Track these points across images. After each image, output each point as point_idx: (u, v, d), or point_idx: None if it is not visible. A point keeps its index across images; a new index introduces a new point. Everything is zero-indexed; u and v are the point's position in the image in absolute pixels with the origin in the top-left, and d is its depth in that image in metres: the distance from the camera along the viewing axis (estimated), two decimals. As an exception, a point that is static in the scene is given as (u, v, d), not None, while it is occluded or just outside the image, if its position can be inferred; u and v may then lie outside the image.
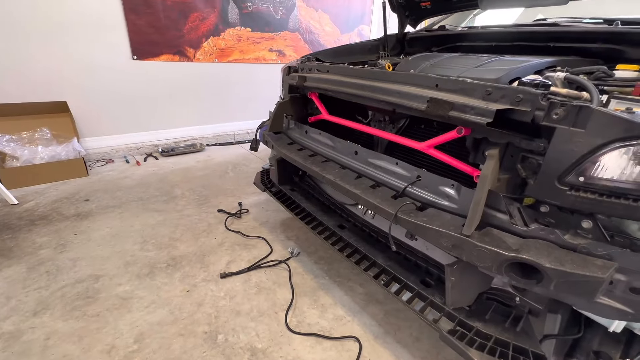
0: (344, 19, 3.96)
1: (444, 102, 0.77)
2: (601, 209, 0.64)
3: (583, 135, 0.62)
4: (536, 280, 0.65)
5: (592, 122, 0.61)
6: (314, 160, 1.18)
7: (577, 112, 0.63)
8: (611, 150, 0.61)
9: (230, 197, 2.24)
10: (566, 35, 1.46)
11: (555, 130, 0.65)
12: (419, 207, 0.85)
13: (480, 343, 0.77)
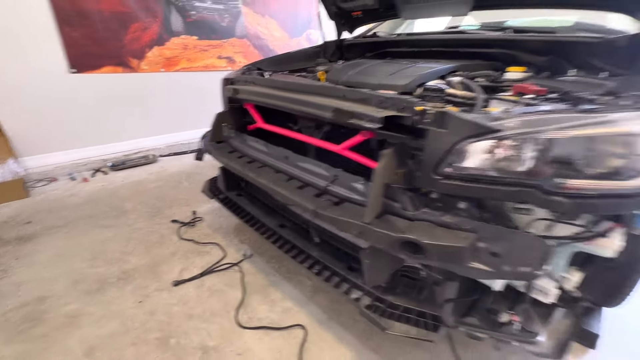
0: (291, 24, 4.07)
1: (345, 111, 0.90)
2: (466, 192, 0.80)
3: (446, 135, 0.78)
4: (422, 254, 0.80)
5: (451, 124, 0.77)
6: (251, 166, 1.28)
7: (440, 116, 0.78)
8: (465, 144, 0.77)
9: (185, 207, 2.27)
10: (470, 42, 1.68)
11: (428, 132, 0.81)
12: (335, 202, 0.98)
13: (390, 313, 0.92)
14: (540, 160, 0.73)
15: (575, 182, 0.73)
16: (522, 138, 0.73)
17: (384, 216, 0.86)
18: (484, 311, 1.01)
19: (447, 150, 0.78)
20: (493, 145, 0.76)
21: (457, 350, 1.09)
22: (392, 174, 0.88)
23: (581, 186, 0.73)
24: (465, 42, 1.71)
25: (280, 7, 3.87)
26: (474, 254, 0.80)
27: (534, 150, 0.73)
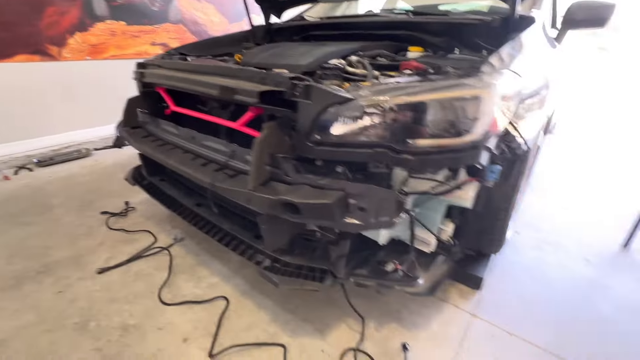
0: (230, 9, 3.98)
1: (229, 88, 0.96)
2: (334, 156, 0.90)
3: (312, 105, 0.87)
4: (299, 214, 0.90)
5: (314, 95, 0.86)
6: (162, 149, 1.30)
7: (306, 89, 0.87)
8: (327, 113, 0.86)
9: (117, 199, 2.21)
10: (379, 24, 1.79)
11: (298, 103, 0.89)
12: (232, 175, 1.04)
13: (284, 271, 1.02)
14: (387, 123, 0.85)
15: (419, 142, 0.86)
16: (371, 104, 0.84)
17: (269, 183, 0.95)
18: (373, 263, 1.14)
19: (314, 119, 0.88)
20: (350, 113, 0.86)
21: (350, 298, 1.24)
22: (277, 144, 0.97)
23: (424, 144, 0.86)
24: (375, 25, 1.82)
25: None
26: (347, 210, 0.91)
27: (382, 115, 0.85)
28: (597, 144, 3.59)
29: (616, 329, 1.25)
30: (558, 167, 2.87)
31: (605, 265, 1.61)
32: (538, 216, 2.03)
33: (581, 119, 4.80)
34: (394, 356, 1.13)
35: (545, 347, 1.16)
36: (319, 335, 1.21)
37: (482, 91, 0.85)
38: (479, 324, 1.25)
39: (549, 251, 1.71)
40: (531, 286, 1.45)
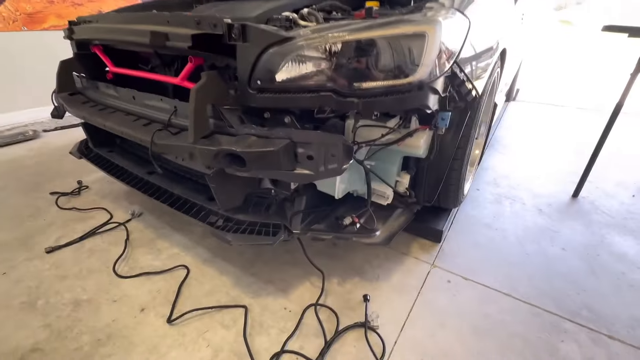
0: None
1: (160, 33, 0.88)
2: (278, 103, 0.86)
3: (250, 47, 0.82)
4: (244, 166, 0.86)
5: (251, 36, 0.80)
6: (102, 113, 1.20)
7: (243, 30, 0.81)
8: (267, 56, 0.81)
9: (69, 178, 2.07)
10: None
11: (236, 47, 0.83)
12: (174, 133, 0.98)
13: (237, 228, 0.99)
14: (329, 65, 0.81)
15: (363, 84, 0.83)
16: (311, 43, 0.80)
17: (212, 136, 0.89)
18: (331, 218, 1.14)
19: (254, 63, 0.82)
20: (291, 55, 0.82)
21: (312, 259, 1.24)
22: (218, 94, 0.91)
23: (369, 86, 0.83)
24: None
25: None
26: (295, 160, 0.88)
27: (323, 56, 0.81)
28: (557, 110, 3.74)
29: (562, 265, 1.33)
30: (520, 130, 2.97)
31: (556, 214, 1.70)
32: (498, 175, 2.10)
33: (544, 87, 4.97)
34: (355, 308, 1.15)
35: (497, 287, 1.22)
36: (282, 295, 1.21)
37: (427, 27, 0.82)
38: (436, 273, 1.30)
39: (506, 204, 1.78)
40: (487, 236, 1.51)
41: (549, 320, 1.10)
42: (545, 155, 2.42)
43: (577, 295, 1.20)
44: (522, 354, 0.98)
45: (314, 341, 1.03)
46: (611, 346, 1.01)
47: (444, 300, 1.17)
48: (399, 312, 1.13)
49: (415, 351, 1.00)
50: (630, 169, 2.21)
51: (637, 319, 1.10)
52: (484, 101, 1.26)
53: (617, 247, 1.45)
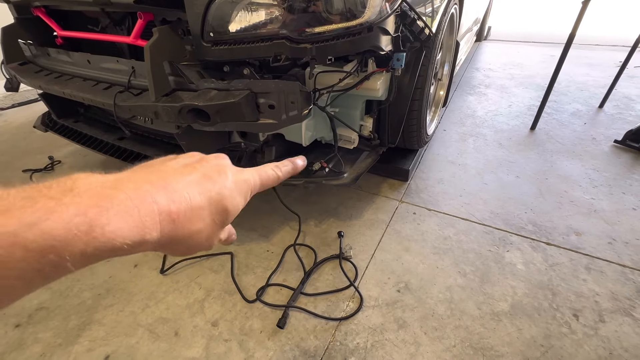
0: None
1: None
2: (234, 55, 0.88)
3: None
4: (208, 119, 0.90)
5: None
6: (58, 80, 1.18)
7: (187, -22, 0.80)
8: (216, 6, 0.81)
9: (39, 155, 2.04)
10: None
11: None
12: (137, 94, 0.99)
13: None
14: (279, 10, 0.83)
15: (314, 29, 0.85)
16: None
17: (174, 94, 0.92)
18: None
19: (203, 15, 0.83)
20: (242, 4, 0.82)
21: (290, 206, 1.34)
22: (174, 50, 0.91)
23: (320, 30, 0.86)
24: None
25: None
26: (258, 110, 0.92)
27: (271, 2, 0.82)
28: (525, 46, 3.77)
29: (514, 190, 1.49)
30: (488, 69, 3.03)
31: (514, 146, 1.83)
32: (464, 114, 2.20)
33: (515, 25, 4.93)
34: (331, 243, 1.27)
35: (456, 214, 1.37)
36: (264, 239, 1.32)
37: (371, -34, 0.83)
38: (403, 207, 1.43)
39: (470, 142, 1.90)
40: (450, 172, 1.64)
41: (498, 236, 1.26)
42: (510, 92, 2.52)
43: (524, 214, 1.36)
44: (473, 264, 1.15)
45: (295, 274, 1.16)
46: (547, 250, 1.19)
47: (409, 230, 1.31)
48: (370, 243, 1.26)
49: (383, 272, 1.14)
50: (586, 98, 2.34)
51: (572, 228, 1.28)
52: (439, 40, 1.30)
53: (564, 170, 1.61)
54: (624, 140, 1.75)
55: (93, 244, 0.19)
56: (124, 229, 0.21)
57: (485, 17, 3.67)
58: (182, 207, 0.24)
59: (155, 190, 0.23)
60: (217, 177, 0.28)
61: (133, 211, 0.21)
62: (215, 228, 0.28)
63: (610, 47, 3.48)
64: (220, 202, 0.27)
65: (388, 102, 1.18)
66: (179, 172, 0.26)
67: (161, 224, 0.23)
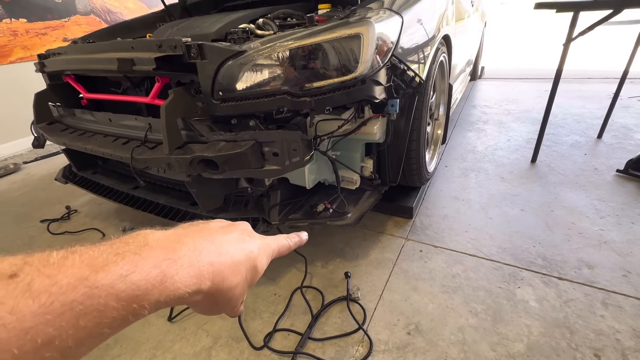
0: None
1: (127, 59, 0.97)
2: (241, 110, 0.97)
3: (208, 64, 0.92)
4: (217, 168, 0.96)
5: (208, 54, 0.91)
6: (81, 137, 1.29)
7: (200, 49, 0.91)
8: (225, 69, 0.92)
9: (58, 205, 2.13)
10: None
11: (197, 65, 0.94)
12: (151, 147, 1.08)
13: (220, 226, 1.10)
14: (280, 70, 0.93)
15: (313, 84, 0.94)
16: (261, 53, 0.91)
17: (186, 146, 1.00)
18: (306, 207, 1.25)
19: (214, 77, 0.93)
20: (246, 66, 0.93)
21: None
22: (187, 108, 1.01)
23: (318, 85, 0.95)
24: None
25: (125, -26, 3.51)
26: (263, 158, 0.99)
27: (274, 63, 0.92)
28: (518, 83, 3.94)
29: (520, 224, 1.48)
30: (484, 106, 3.14)
31: (516, 179, 1.85)
32: (465, 150, 2.26)
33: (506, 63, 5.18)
34: (338, 285, 1.27)
35: (463, 250, 1.36)
36: (271, 283, 1.32)
37: (361, 29, 0.94)
38: (410, 245, 1.43)
39: (472, 177, 1.93)
40: (455, 207, 1.65)
41: (508, 272, 1.24)
42: (508, 127, 2.59)
43: (533, 248, 1.34)
44: (484, 303, 1.12)
45: (302, 318, 1.14)
46: (560, 285, 1.16)
47: (417, 268, 1.30)
48: (377, 283, 1.25)
49: (392, 313, 1.12)
50: (584, 130, 2.39)
51: (583, 261, 1.25)
52: (431, 85, 1.39)
53: (569, 201, 1.61)
54: (626, 169, 1.76)
55: (165, 293, 0.22)
56: (187, 279, 0.23)
57: (477, 58, 3.89)
58: (228, 261, 0.28)
59: (208, 244, 0.27)
60: (249, 239, 0.32)
61: (194, 262, 0.24)
62: (246, 285, 0.30)
63: (602, 79, 3.61)
64: (253, 261, 0.30)
65: (386, 144, 1.25)
66: (222, 231, 0.30)
67: (213, 275, 0.26)
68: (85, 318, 0.18)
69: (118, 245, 0.22)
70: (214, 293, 0.26)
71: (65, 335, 0.17)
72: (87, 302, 0.18)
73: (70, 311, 0.18)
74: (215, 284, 0.26)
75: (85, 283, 0.18)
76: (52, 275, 0.18)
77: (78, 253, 0.20)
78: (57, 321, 0.17)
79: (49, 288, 0.18)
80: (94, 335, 0.19)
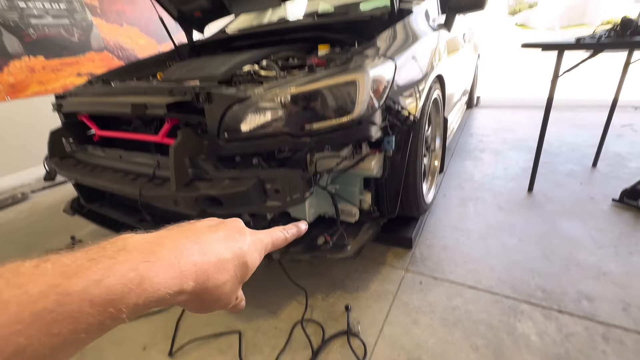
0: (156, 29, 3.97)
1: (140, 104, 1.05)
2: (245, 149, 1.03)
3: (215, 108, 0.99)
4: (222, 205, 1.01)
5: (215, 100, 0.98)
6: (92, 172, 1.35)
7: (207, 95, 0.99)
8: (230, 113, 0.99)
9: (62, 235, 2.17)
10: (291, 29, 1.95)
11: (205, 109, 1.01)
12: (159, 183, 1.13)
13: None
14: (282, 113, 0.99)
15: (312, 126, 1.01)
16: (264, 99, 0.98)
17: (192, 183, 1.05)
18: (306, 240, 1.28)
19: (220, 120, 1.00)
20: (250, 110, 1.00)
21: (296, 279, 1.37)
22: (194, 147, 1.07)
23: (317, 127, 1.01)
24: (289, 30, 1.98)
25: (137, 14, 3.74)
26: (265, 195, 1.04)
27: (276, 107, 0.99)
28: (514, 111, 4.05)
29: (519, 254, 1.50)
30: (481, 135, 3.23)
31: (514, 208, 1.88)
32: (462, 179, 2.30)
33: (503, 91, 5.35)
34: (339, 318, 1.27)
35: (462, 282, 1.37)
36: (272, 316, 1.32)
37: (357, 76, 1.02)
38: (409, 277, 1.44)
39: (470, 206, 1.96)
40: (454, 237, 1.67)
41: (507, 304, 1.24)
42: (504, 155, 2.65)
43: (532, 280, 1.35)
44: (485, 337, 1.12)
45: (303, 353, 1.14)
46: (560, 319, 1.16)
47: (417, 301, 1.31)
48: (378, 316, 1.25)
49: (393, 348, 1.12)
50: (579, 158, 2.44)
51: (582, 293, 1.26)
52: (425, 121, 1.46)
53: (567, 231, 1.63)
54: (621, 198, 1.79)
55: (144, 295, 0.21)
56: (167, 280, 0.23)
57: (472, 88, 4.04)
58: (212, 259, 0.27)
59: (191, 244, 0.27)
60: (238, 236, 0.31)
61: (174, 263, 0.24)
62: (237, 282, 0.30)
63: (595, 107, 3.71)
64: (242, 257, 0.30)
65: (384, 178, 1.30)
66: (208, 230, 0.30)
67: (196, 274, 0.25)
68: (58, 325, 0.18)
69: (94, 251, 0.22)
70: (200, 292, 0.26)
71: (37, 343, 0.17)
72: (59, 309, 0.18)
73: (42, 320, 0.18)
74: (200, 283, 0.26)
75: (55, 290, 0.18)
76: (22, 284, 0.18)
77: (51, 261, 0.20)
78: (28, 330, 0.17)
79: (18, 298, 0.17)
80: (70, 342, 0.19)
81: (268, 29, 2.05)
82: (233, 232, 0.32)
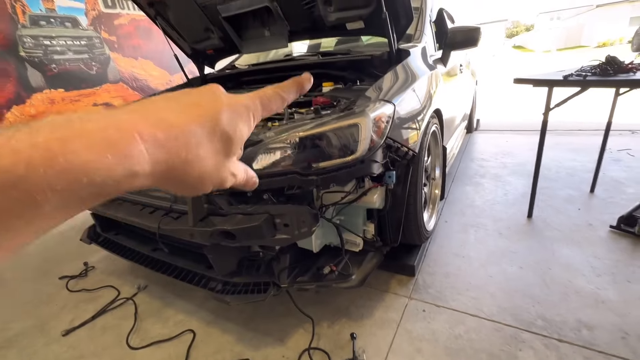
0: (169, 61, 4.19)
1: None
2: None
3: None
4: (234, 238, 1.08)
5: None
6: (112, 204, 1.44)
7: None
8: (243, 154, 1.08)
9: (75, 261, 2.24)
10: (297, 66, 2.09)
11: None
12: (176, 217, 1.22)
13: (234, 290, 1.19)
14: (291, 154, 1.09)
15: (318, 165, 1.10)
16: (275, 142, 1.08)
17: (207, 218, 1.13)
18: (313, 269, 1.34)
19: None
20: (262, 151, 1.09)
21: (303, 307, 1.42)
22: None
23: (323, 166, 1.10)
24: (296, 67, 2.12)
25: (152, 48, 3.98)
26: (275, 229, 1.11)
27: (285, 148, 1.08)
28: (513, 135, 4.15)
29: (519, 282, 1.54)
30: (480, 159, 3.31)
31: (514, 235, 1.93)
32: (464, 205, 2.37)
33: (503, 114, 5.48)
34: (344, 346, 1.31)
35: (464, 310, 1.41)
36: (279, 344, 1.36)
37: (359, 119, 1.12)
38: (413, 304, 1.48)
39: (471, 232, 2.01)
40: (455, 264, 1.72)
41: (509, 333, 1.28)
42: (504, 180, 2.72)
43: (532, 308, 1.39)
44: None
45: (310, 382, 1.18)
46: (561, 348, 1.19)
47: (420, 329, 1.35)
48: (382, 345, 1.29)
49: (397, 378, 1.15)
50: (577, 184, 2.50)
51: (581, 321, 1.29)
52: (424, 153, 1.55)
53: (565, 258, 1.67)
54: (618, 225, 1.84)
55: (65, 177, 0.18)
56: (100, 161, 0.19)
57: (472, 113, 4.17)
58: (167, 132, 0.23)
59: (136, 118, 0.22)
60: (206, 104, 0.26)
61: (109, 140, 0.20)
62: (220, 157, 0.27)
63: (592, 131, 3.80)
64: (216, 128, 0.26)
65: (386, 209, 1.37)
66: (163, 102, 0.25)
67: (148, 152, 0.21)
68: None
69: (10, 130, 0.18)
70: (168, 171, 0.23)
71: None
72: None
73: None
74: (160, 161, 0.22)
75: None
76: None
77: None
78: None
79: None
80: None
81: (276, 65, 2.20)
82: (199, 99, 0.26)
